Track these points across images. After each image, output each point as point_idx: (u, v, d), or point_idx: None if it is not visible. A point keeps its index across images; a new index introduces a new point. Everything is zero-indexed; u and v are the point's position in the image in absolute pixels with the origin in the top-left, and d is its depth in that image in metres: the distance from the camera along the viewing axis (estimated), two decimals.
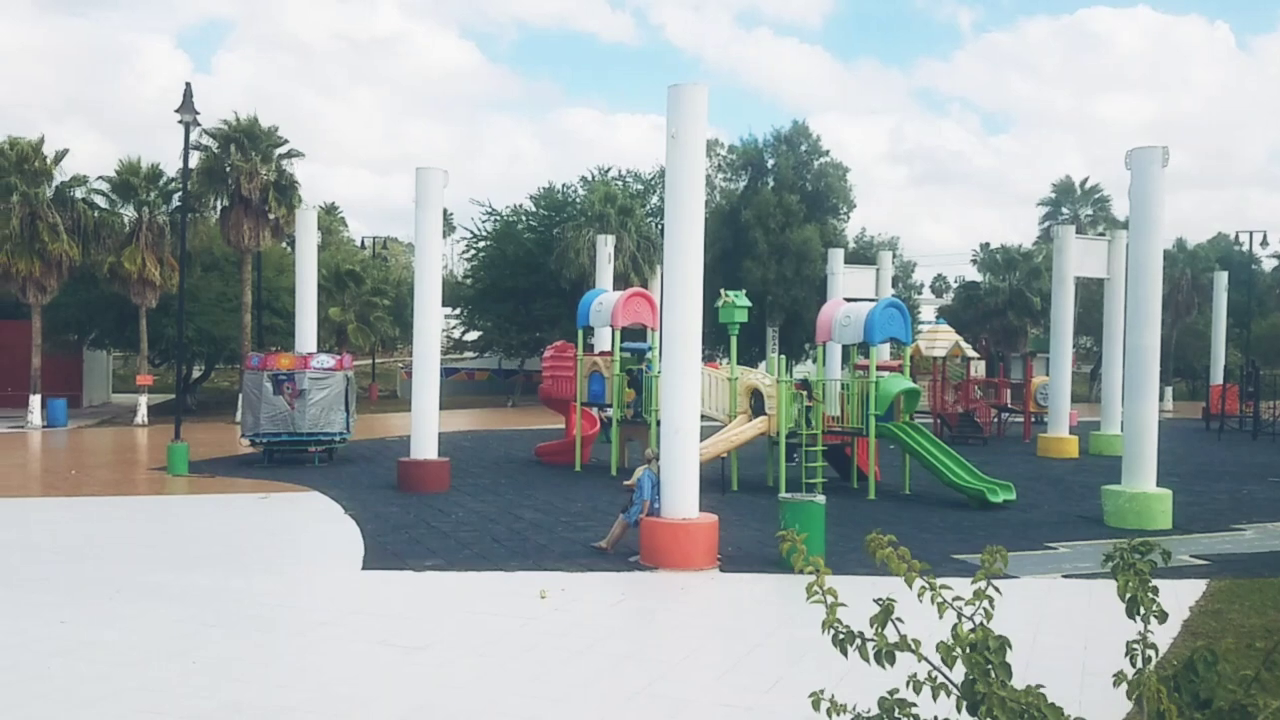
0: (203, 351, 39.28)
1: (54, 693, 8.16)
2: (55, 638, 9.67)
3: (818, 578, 3.21)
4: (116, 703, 7.95)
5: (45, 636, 9.71)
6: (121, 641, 9.59)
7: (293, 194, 35.29)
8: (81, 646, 9.39)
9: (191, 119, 23.75)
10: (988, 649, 2.98)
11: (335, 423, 23.68)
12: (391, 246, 67.70)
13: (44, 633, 9.84)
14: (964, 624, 3.07)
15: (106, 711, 7.77)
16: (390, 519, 16.33)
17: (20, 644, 9.47)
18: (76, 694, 8.14)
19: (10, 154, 33.26)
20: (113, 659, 9.04)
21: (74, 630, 9.93)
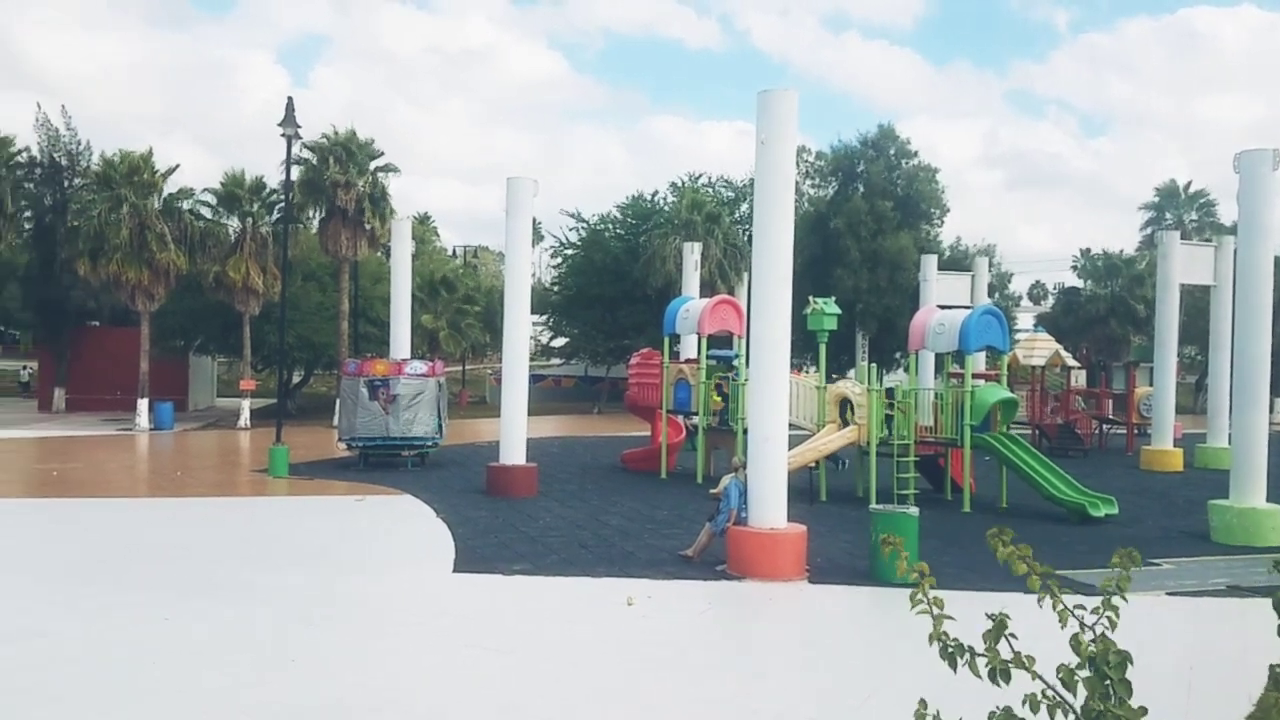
0: (302, 358, 40.47)
1: (158, 689, 8.46)
2: (160, 635, 10.03)
3: (922, 585, 3.10)
4: (218, 700, 8.20)
5: (150, 634, 10.08)
6: (223, 639, 9.89)
7: (387, 205, 36.17)
8: (185, 644, 9.72)
9: (293, 132, 24.52)
10: (1107, 663, 2.84)
11: (427, 427, 24.10)
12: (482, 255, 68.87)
13: (149, 630, 10.22)
14: (1085, 634, 2.92)
15: (208, 708, 8.02)
16: (480, 523, 16.54)
17: (126, 641, 9.85)
18: (178, 691, 8.42)
19: (121, 166, 34.82)
20: (214, 657, 9.34)
21: (178, 628, 10.28)
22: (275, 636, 9.97)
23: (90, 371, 40.42)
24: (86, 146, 40.20)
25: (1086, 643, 2.87)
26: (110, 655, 9.31)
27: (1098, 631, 2.91)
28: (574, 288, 49.19)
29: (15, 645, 9.50)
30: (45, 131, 39.87)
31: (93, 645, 9.61)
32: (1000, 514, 18.58)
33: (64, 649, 9.46)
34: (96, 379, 40.07)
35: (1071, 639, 2.91)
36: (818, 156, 49.12)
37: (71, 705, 7.98)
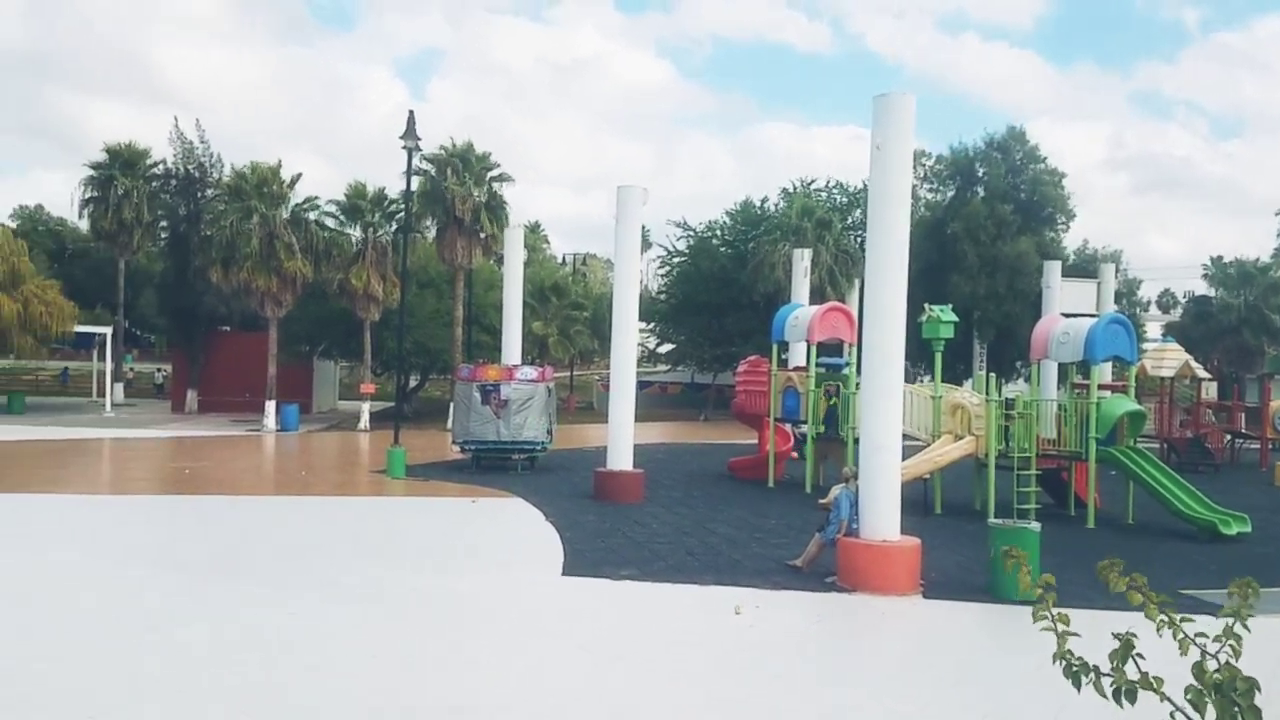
0: (419, 363, 41.61)
1: (282, 685, 8.79)
2: (284, 631, 10.43)
3: (1046, 600, 3.00)
4: (335, 696, 8.48)
5: (276, 630, 10.50)
6: (342, 636, 10.23)
7: (502, 214, 36.95)
8: (306, 640, 10.08)
9: (414, 144, 25.28)
10: (1234, 690, 2.71)
11: (537, 432, 24.46)
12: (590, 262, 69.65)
13: (275, 626, 10.64)
14: (1208, 662, 2.80)
15: (326, 704, 8.30)
16: (588, 527, 16.69)
17: (252, 636, 10.27)
18: (300, 687, 8.74)
19: (251, 178, 36.48)
20: (333, 653, 9.66)
21: (301, 623, 10.68)
22: (390, 635, 10.25)
23: (221, 375, 42.38)
24: (219, 159, 42.29)
25: (1210, 671, 2.74)
26: (236, 650, 9.72)
27: (1221, 660, 2.78)
28: (681, 295, 49.29)
29: (147, 637, 10.01)
30: (180, 144, 42.09)
31: (220, 639, 10.06)
32: (1126, 531, 17.79)
33: (193, 642, 9.93)
34: (227, 382, 41.97)
35: (1194, 666, 2.78)
36: (936, 160, 48.04)
37: (195, 698, 8.37)
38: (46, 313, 38.42)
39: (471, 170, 36.68)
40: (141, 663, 9.12)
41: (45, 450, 27.74)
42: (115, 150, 44.91)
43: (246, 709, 8.02)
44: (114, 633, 10.07)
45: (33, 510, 17.90)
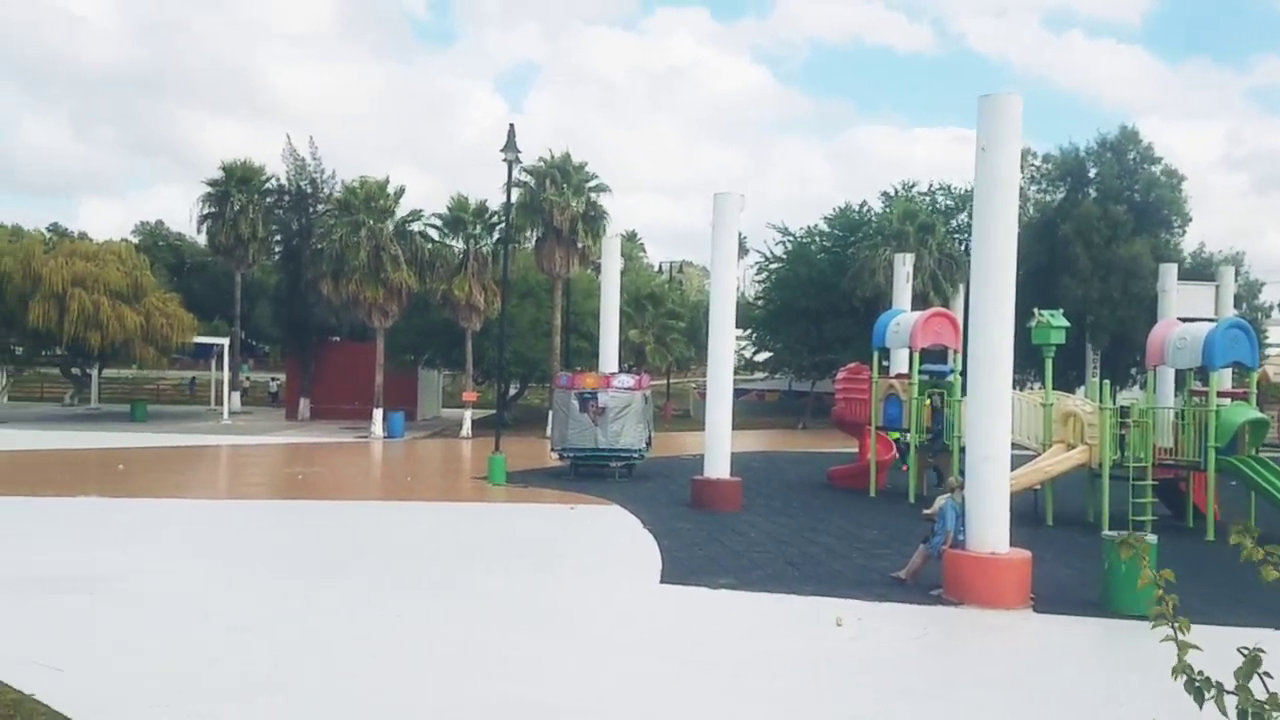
0: (518, 371, 42.24)
1: (382, 685, 9.01)
2: (386, 630, 10.69)
3: (1166, 602, 2.85)
4: (431, 696, 8.65)
5: (381, 630, 10.77)
6: (443, 637, 10.44)
7: (599, 224, 37.30)
8: (408, 640, 10.32)
9: (514, 157, 25.74)
10: None
11: (634, 439, 24.58)
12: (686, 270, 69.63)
13: (380, 626, 10.92)
14: None
15: (428, 705, 8.48)
16: (685, 535, 16.66)
17: (358, 635, 10.56)
18: (400, 687, 8.94)
19: (360, 192, 37.62)
20: (433, 654, 9.87)
21: (403, 623, 10.94)
22: (489, 637, 10.41)
23: (331, 383, 43.75)
24: (330, 174, 43.74)
25: None
26: (341, 649, 10.01)
27: None
28: (779, 301, 48.88)
29: (256, 634, 10.38)
30: (292, 160, 43.64)
31: (325, 638, 10.37)
32: None
33: (302, 641, 10.26)
34: (336, 390, 43.31)
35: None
36: (1044, 160, 46.58)
37: (298, 694, 8.64)
38: (167, 324, 40.27)
39: (570, 181, 37.14)
40: (255, 659, 9.46)
41: (168, 457, 29.08)
42: (231, 168, 46.88)
43: (350, 706, 8.24)
44: (227, 630, 10.48)
45: (157, 514, 18.77)
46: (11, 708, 7.83)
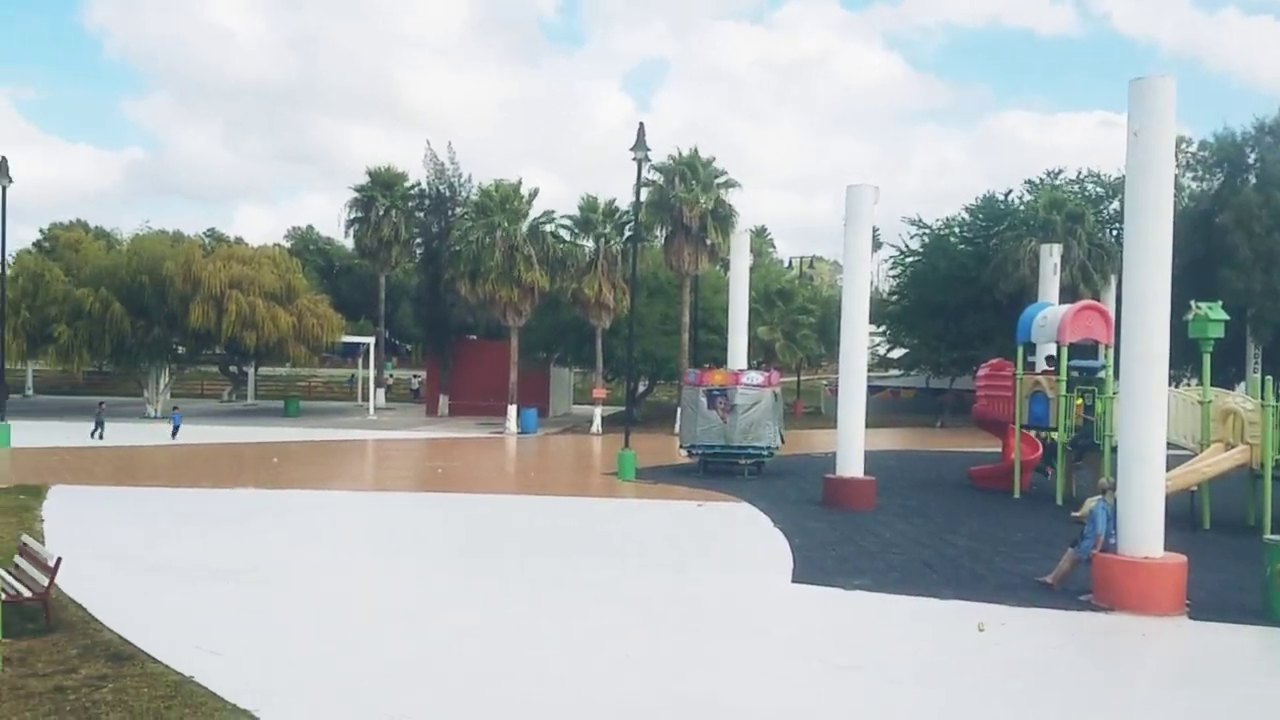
0: (647, 369, 42.49)
1: (519, 674, 9.17)
2: (524, 622, 10.89)
3: None
4: (571, 688, 8.75)
5: (515, 621, 10.99)
6: (579, 630, 10.57)
7: (728, 221, 37.12)
8: (545, 633, 10.48)
9: (643, 156, 25.83)
10: None
11: (764, 437, 24.36)
12: (818, 265, 68.61)
13: (515, 618, 11.13)
14: None
15: (561, 695, 8.58)
16: (817, 535, 16.41)
17: (497, 626, 10.80)
18: (536, 677, 9.08)
19: (495, 195, 38.56)
20: (570, 646, 10.00)
21: (540, 616, 11.13)
22: (620, 632, 10.48)
23: (468, 380, 45.01)
24: (468, 178, 44.98)
25: None
26: (482, 638, 10.25)
27: None
28: (915, 296, 47.59)
29: (401, 624, 10.73)
30: (432, 165, 45.08)
31: (467, 628, 10.64)
32: None
33: (441, 631, 10.56)
34: (473, 387, 44.53)
35: None
36: (1199, 146, 43.87)
37: (446, 683, 8.87)
38: (318, 324, 42.20)
39: (699, 177, 37.09)
40: (403, 646, 9.79)
41: (318, 450, 30.46)
42: (376, 174, 48.78)
43: (491, 694, 8.42)
44: (376, 617, 10.88)
45: (308, 504, 19.69)
46: (173, 689, 8.32)
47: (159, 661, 8.98)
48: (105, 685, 8.32)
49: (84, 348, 38.27)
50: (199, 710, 7.84)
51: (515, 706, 8.19)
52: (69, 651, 9.21)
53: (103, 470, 23.61)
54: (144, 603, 11.26)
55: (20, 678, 8.45)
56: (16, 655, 8.99)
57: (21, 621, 9.87)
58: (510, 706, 8.19)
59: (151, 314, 39.05)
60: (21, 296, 38.17)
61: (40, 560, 10.53)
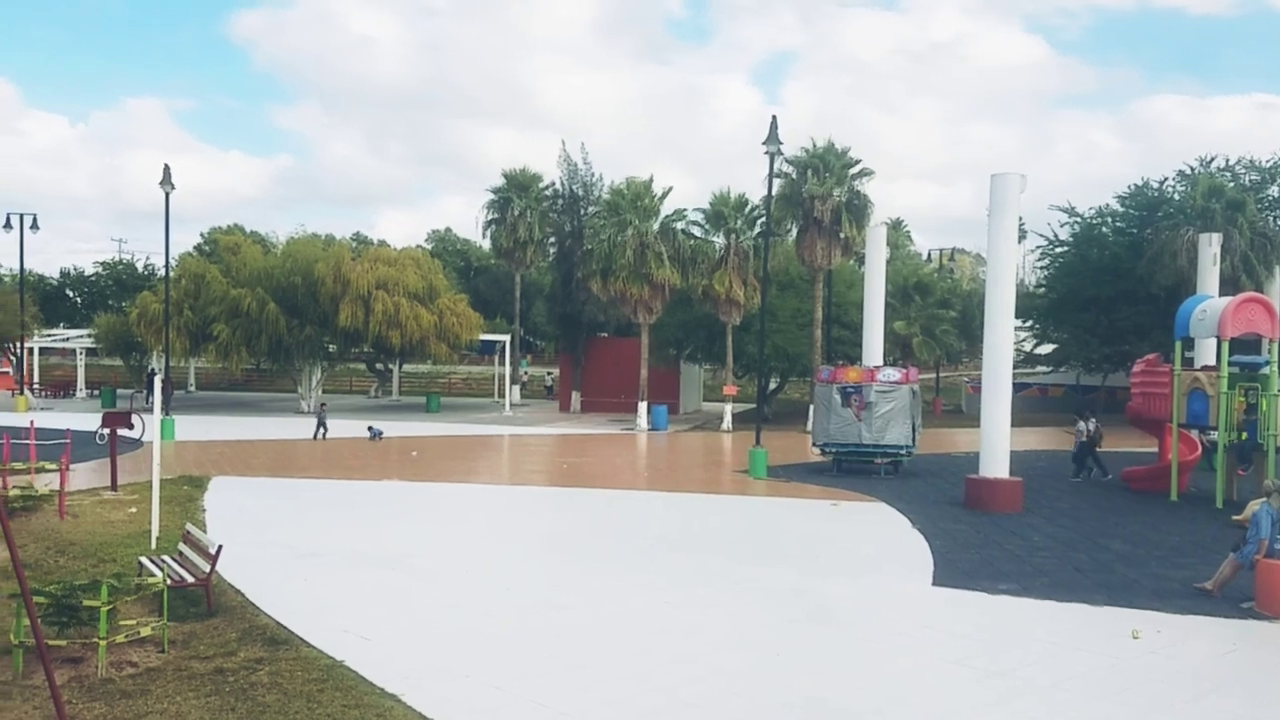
0: (779, 365, 42.10)
1: (652, 670, 9.19)
2: (660, 618, 10.92)
3: None
4: (707, 685, 8.71)
5: (651, 616, 11.02)
6: (714, 628, 10.53)
7: (863, 214, 36.37)
8: (680, 629, 10.49)
9: (776, 149, 25.56)
10: None
11: (901, 435, 23.78)
12: (958, 257, 66.43)
13: (650, 613, 11.18)
14: None
15: (697, 692, 8.55)
16: (959, 537, 15.91)
17: (629, 621, 10.87)
18: (673, 673, 9.08)
19: (627, 193, 38.87)
20: (706, 643, 9.97)
21: (676, 612, 11.14)
22: (761, 630, 10.39)
23: (599, 377, 45.56)
24: (599, 177, 45.52)
25: None
26: (615, 631, 10.34)
27: None
28: (1063, 289, 45.58)
29: (541, 616, 10.92)
30: (566, 166, 45.82)
31: (602, 621, 10.75)
32: None
33: (579, 622, 10.69)
34: (604, 384, 45.05)
35: None
36: None
37: (583, 674, 8.97)
38: (457, 323, 43.50)
39: (832, 170, 36.45)
40: (543, 636, 9.97)
41: (457, 444, 31.38)
42: (511, 175, 49.89)
43: (626, 688, 8.47)
44: (518, 608, 11.11)
45: (449, 497, 20.31)
46: (325, 673, 8.70)
47: (312, 646, 9.41)
48: (262, 668, 8.77)
49: (242, 346, 40.45)
50: (349, 694, 8.17)
51: (652, 700, 8.22)
52: (228, 635, 9.74)
53: (259, 462, 24.93)
54: (297, 589, 11.82)
55: (184, 659, 8.98)
56: (181, 638, 9.56)
57: (185, 605, 10.50)
58: (647, 700, 8.22)
59: (304, 314, 40.99)
60: (184, 297, 40.70)
61: (202, 548, 11.18)
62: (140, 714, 7.67)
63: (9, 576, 10.79)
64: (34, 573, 11.63)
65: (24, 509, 15.76)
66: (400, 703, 7.99)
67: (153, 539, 13.58)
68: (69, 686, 8.09)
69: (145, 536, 13.88)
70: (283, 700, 8.01)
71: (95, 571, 11.86)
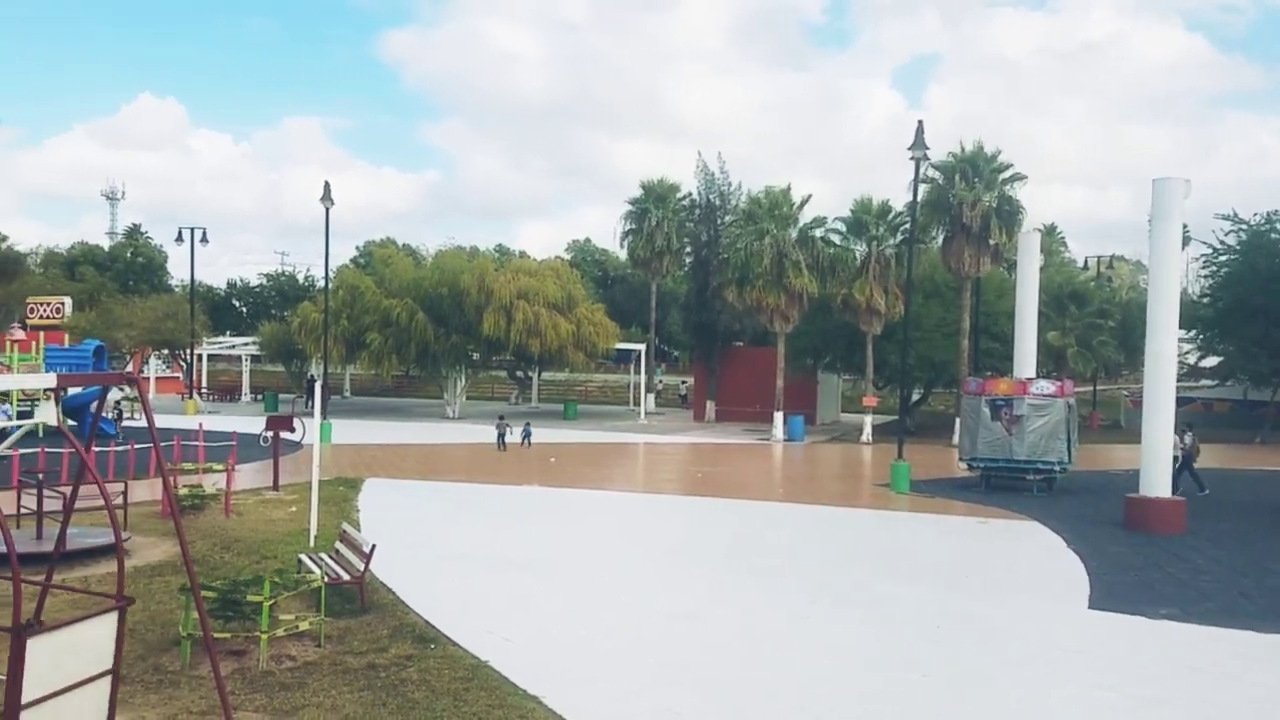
0: (922, 376, 40.99)
1: (791, 687, 9.05)
2: (797, 634, 10.76)
3: None
4: (847, 707, 8.52)
5: (788, 631, 10.87)
6: (853, 646, 10.31)
7: (1014, 219, 35.02)
8: (817, 646, 10.30)
9: (922, 154, 24.94)
10: None
11: (1054, 451, 22.79)
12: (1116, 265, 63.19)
13: (787, 628, 11.03)
14: None
15: (837, 713, 8.37)
16: (1117, 558, 15.11)
17: (764, 635, 10.74)
18: (811, 693, 8.92)
19: (764, 201, 38.64)
20: (844, 662, 9.76)
21: (812, 628, 10.95)
22: (902, 649, 10.10)
23: (734, 386, 45.36)
24: (736, 186, 45.41)
25: None
26: (749, 645, 10.24)
27: None
28: (1229, 299, 42.72)
29: (677, 625, 10.92)
30: (703, 175, 45.93)
31: (737, 634, 10.66)
32: None
33: (714, 634, 10.64)
34: (739, 393, 44.82)
35: None
36: None
37: (717, 687, 8.91)
38: (594, 332, 44.18)
39: (981, 175, 35.25)
40: (678, 645, 9.97)
41: (593, 451, 31.79)
42: (649, 186, 50.34)
43: (763, 707, 8.37)
44: (657, 615, 11.15)
45: (586, 503, 20.60)
46: (470, 672, 8.94)
47: (458, 645, 9.69)
48: (411, 665, 9.07)
49: (393, 354, 42.11)
50: (493, 694, 8.36)
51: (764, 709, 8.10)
52: (380, 632, 10.12)
53: (409, 465, 25.87)
54: (444, 588, 12.19)
55: (339, 654, 9.38)
56: (336, 633, 9.99)
57: (341, 602, 10.97)
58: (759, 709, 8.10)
59: (450, 323, 42.38)
60: (341, 307, 42.65)
61: (357, 546, 11.65)
62: (298, 706, 8.04)
63: (179, 571, 11.53)
64: (201, 568, 12.37)
65: (193, 507, 16.77)
66: (542, 705, 8.12)
67: (311, 537, 14.25)
68: (232, 678, 8.54)
69: (304, 535, 14.57)
70: (430, 697, 8.26)
71: (258, 567, 12.52)
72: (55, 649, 5.99)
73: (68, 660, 6.09)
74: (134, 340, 47.55)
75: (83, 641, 6.25)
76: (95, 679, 6.27)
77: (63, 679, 6.02)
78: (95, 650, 6.31)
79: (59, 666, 6.01)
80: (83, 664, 6.20)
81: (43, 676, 5.89)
